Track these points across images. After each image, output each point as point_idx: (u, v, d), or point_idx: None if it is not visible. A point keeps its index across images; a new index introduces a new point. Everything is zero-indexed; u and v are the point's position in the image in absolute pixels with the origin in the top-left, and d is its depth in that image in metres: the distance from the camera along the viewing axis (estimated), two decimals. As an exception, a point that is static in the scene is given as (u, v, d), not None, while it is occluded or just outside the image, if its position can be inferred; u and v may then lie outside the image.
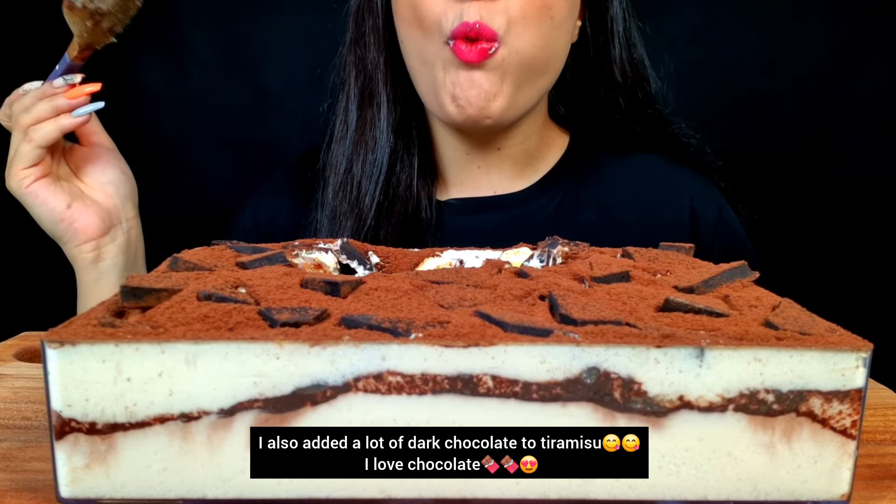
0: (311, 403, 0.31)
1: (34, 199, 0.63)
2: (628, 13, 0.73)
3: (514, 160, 0.73)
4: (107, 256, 0.66)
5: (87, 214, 0.65)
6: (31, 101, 0.61)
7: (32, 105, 0.61)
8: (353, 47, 0.72)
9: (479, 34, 0.61)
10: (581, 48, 0.72)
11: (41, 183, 0.62)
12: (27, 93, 0.63)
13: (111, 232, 0.66)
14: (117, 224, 0.67)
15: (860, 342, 0.32)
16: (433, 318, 0.33)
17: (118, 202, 0.67)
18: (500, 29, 0.61)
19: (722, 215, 0.74)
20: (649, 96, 0.74)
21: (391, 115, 0.71)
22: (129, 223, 0.68)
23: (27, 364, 0.51)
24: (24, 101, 0.62)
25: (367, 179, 0.71)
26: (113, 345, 0.31)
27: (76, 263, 0.66)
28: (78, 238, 0.65)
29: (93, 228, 0.65)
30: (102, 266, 0.66)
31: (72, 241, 0.65)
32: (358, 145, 0.71)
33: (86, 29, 0.60)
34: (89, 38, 0.61)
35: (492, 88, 0.63)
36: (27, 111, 0.61)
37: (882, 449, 0.40)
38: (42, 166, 0.62)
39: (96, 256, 0.66)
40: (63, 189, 0.64)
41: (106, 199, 0.67)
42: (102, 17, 0.59)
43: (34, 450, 0.38)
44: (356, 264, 0.50)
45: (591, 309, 0.34)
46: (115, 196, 0.67)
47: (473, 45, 0.61)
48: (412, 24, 0.65)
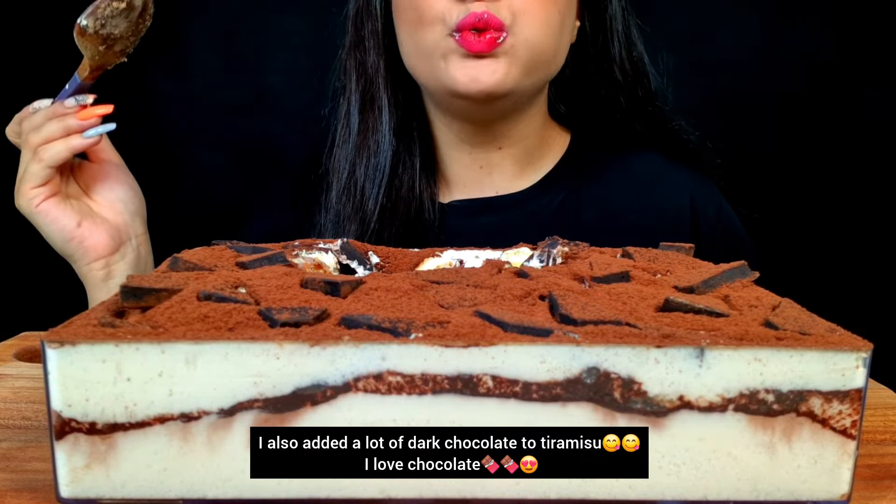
0: (311, 403, 0.31)
1: (44, 219, 0.62)
2: (627, 11, 0.73)
3: (515, 159, 0.73)
4: (117, 274, 0.66)
5: (97, 232, 0.64)
6: (42, 120, 0.61)
7: (43, 124, 0.61)
8: (353, 52, 0.72)
9: (488, 24, 0.61)
10: (581, 47, 0.73)
11: (51, 202, 0.62)
12: (37, 111, 0.62)
13: (121, 249, 0.66)
14: (127, 241, 0.67)
15: (860, 342, 0.32)
16: (433, 318, 0.33)
17: (127, 219, 0.67)
18: (506, 20, 0.62)
19: (722, 214, 0.74)
20: (649, 94, 0.75)
21: (392, 119, 0.71)
22: (139, 239, 0.68)
23: (27, 364, 0.52)
24: (34, 119, 0.61)
25: (370, 183, 0.71)
26: (113, 345, 0.31)
27: (87, 281, 0.66)
28: (88, 256, 0.64)
29: (103, 246, 0.65)
30: (113, 284, 0.66)
31: (82, 259, 0.65)
32: (360, 149, 0.72)
33: (97, 52, 0.59)
34: (101, 60, 0.60)
35: (500, 69, 0.63)
36: (37, 130, 0.61)
37: (882, 449, 0.40)
38: (51, 185, 0.62)
39: (106, 274, 0.65)
40: (73, 207, 0.64)
41: (115, 216, 0.66)
42: (115, 42, 0.59)
43: (34, 450, 0.38)
44: (356, 264, 0.50)
45: (591, 309, 0.34)
46: (125, 213, 0.67)
47: (482, 35, 0.61)
48: (413, 24, 0.65)
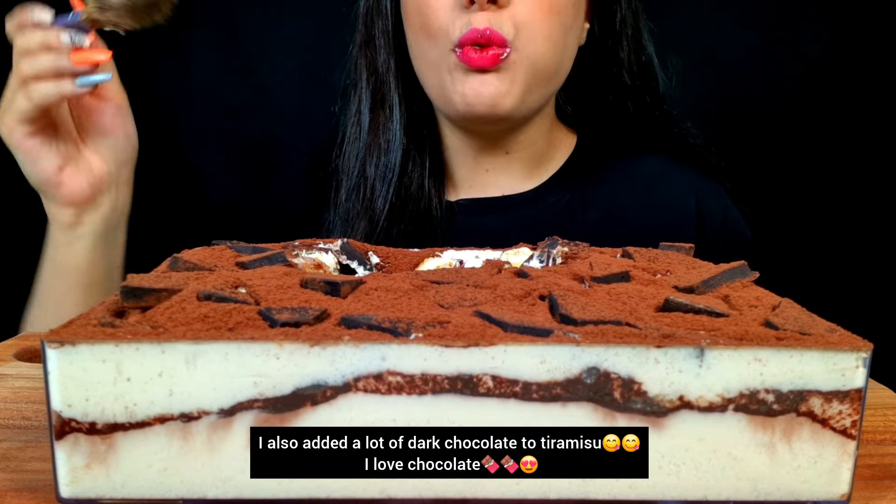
0: (311, 403, 0.31)
1: (25, 156, 0.59)
2: (637, 14, 0.73)
3: (523, 163, 0.73)
4: (86, 223, 0.63)
5: (77, 180, 0.61)
6: (36, 46, 0.56)
7: (37, 51, 0.56)
8: (364, 50, 0.73)
9: (490, 40, 0.61)
10: (589, 50, 0.73)
11: (35, 140, 0.58)
12: (35, 28, 0.57)
13: (97, 199, 0.62)
14: (106, 192, 0.63)
15: (860, 342, 0.32)
16: (433, 318, 0.33)
17: (114, 168, 0.63)
18: (509, 35, 0.62)
19: (728, 215, 0.74)
20: (657, 98, 0.75)
21: (403, 118, 0.71)
22: (120, 189, 0.64)
23: (27, 364, 0.51)
24: (28, 40, 0.57)
25: (380, 181, 0.71)
26: (113, 345, 0.31)
27: (52, 220, 0.63)
28: (61, 201, 0.61)
29: (79, 195, 0.61)
30: (79, 231, 0.63)
31: (53, 201, 0.61)
32: (371, 147, 0.72)
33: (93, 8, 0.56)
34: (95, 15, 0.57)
35: (503, 87, 0.63)
36: (29, 59, 0.56)
37: (882, 449, 0.40)
38: (37, 123, 0.58)
39: (75, 222, 0.62)
40: (57, 150, 0.59)
41: (101, 164, 0.62)
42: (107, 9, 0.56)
43: (34, 450, 0.38)
44: (356, 264, 0.50)
45: (591, 309, 0.34)
46: (112, 162, 0.63)
47: (484, 52, 0.61)
48: (419, 30, 0.65)
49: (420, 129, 0.72)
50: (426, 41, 0.65)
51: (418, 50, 0.67)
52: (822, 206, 1.08)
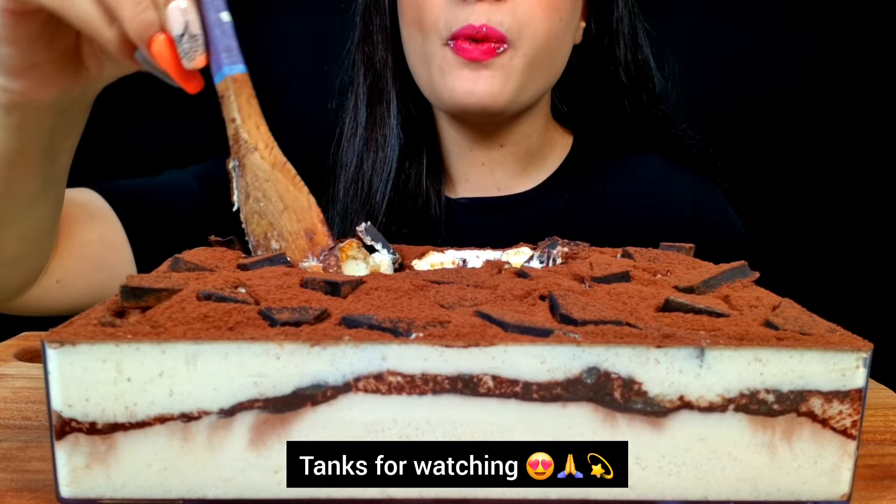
0: (312, 403, 0.31)
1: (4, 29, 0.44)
2: (634, 13, 0.73)
3: (517, 157, 0.74)
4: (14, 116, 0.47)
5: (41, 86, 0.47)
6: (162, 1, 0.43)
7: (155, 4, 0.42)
8: (362, 46, 0.73)
9: (487, 37, 0.61)
10: (585, 49, 0.73)
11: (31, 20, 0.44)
12: None
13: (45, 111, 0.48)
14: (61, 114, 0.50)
15: (860, 342, 0.32)
16: (433, 318, 0.33)
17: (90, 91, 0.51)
18: (508, 31, 0.61)
19: (724, 216, 0.75)
20: (654, 97, 0.75)
21: (400, 113, 0.71)
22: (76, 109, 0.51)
23: (27, 364, 0.51)
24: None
25: (377, 177, 0.71)
26: (113, 345, 0.31)
27: None
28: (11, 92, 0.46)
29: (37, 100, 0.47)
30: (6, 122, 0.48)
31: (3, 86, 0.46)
32: (368, 143, 0.72)
33: None
34: None
35: (495, 85, 0.63)
36: None
37: (882, 449, 0.40)
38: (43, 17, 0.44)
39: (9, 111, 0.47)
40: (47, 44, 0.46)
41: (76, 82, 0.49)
42: None
43: (34, 450, 0.38)
44: (380, 246, 0.51)
45: (591, 309, 0.34)
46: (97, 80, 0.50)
47: (479, 45, 0.61)
48: (413, 24, 0.65)
49: (417, 125, 0.72)
50: (419, 35, 0.65)
51: (412, 44, 0.67)
52: (822, 206, 1.08)
